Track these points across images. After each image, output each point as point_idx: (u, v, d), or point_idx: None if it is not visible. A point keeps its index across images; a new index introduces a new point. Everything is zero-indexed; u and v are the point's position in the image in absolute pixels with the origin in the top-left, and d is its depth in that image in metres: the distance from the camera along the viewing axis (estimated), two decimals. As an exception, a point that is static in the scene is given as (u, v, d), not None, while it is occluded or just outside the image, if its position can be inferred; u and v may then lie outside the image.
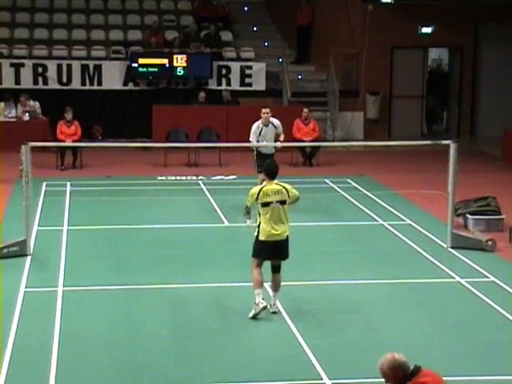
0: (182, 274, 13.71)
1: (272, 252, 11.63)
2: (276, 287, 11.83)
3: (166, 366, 10.17)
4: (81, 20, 29.50)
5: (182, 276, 13.58)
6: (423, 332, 11.28)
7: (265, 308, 11.54)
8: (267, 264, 11.76)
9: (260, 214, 11.62)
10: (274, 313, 11.68)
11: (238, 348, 10.80)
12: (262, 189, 11.64)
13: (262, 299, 11.54)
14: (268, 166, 11.97)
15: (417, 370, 7.16)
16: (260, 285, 11.61)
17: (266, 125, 17.68)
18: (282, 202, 11.56)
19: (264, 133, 17.63)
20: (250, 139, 17.62)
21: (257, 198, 11.58)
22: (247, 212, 12.53)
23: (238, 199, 18.48)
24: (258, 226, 11.63)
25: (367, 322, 11.65)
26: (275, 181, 11.73)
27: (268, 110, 17.81)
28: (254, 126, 17.69)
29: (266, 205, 11.54)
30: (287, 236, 11.65)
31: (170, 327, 11.42)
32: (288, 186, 11.73)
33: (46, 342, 10.72)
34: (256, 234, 11.66)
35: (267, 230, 11.52)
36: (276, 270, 11.76)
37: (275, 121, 17.84)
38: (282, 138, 17.87)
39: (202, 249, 15.20)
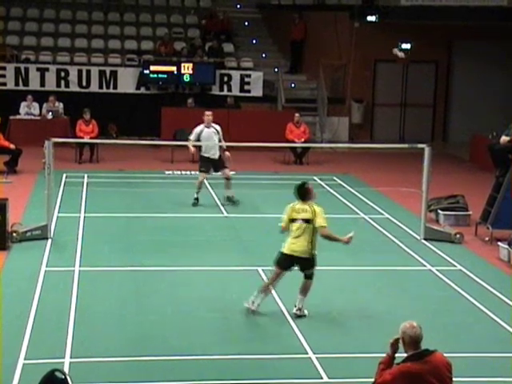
0: (185, 257, 13.69)
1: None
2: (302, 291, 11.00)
3: (168, 337, 10.19)
4: (99, 31, 29.44)
5: (185, 259, 13.56)
6: (398, 312, 11.21)
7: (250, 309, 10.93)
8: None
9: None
10: (299, 316, 10.90)
11: (234, 323, 10.80)
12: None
13: (252, 302, 10.90)
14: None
15: (427, 352, 6.76)
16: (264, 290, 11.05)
17: (207, 127, 17.48)
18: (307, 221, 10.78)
19: (205, 134, 17.45)
20: (190, 138, 17.59)
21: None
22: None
23: (236, 192, 18.50)
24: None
25: (350, 303, 11.68)
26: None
27: (210, 112, 17.66)
28: (197, 128, 17.55)
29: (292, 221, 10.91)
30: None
31: (172, 304, 11.43)
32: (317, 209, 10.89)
33: (64, 315, 10.75)
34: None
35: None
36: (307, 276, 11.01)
37: (217, 126, 17.64)
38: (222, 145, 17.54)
39: (203, 236, 15.18)
